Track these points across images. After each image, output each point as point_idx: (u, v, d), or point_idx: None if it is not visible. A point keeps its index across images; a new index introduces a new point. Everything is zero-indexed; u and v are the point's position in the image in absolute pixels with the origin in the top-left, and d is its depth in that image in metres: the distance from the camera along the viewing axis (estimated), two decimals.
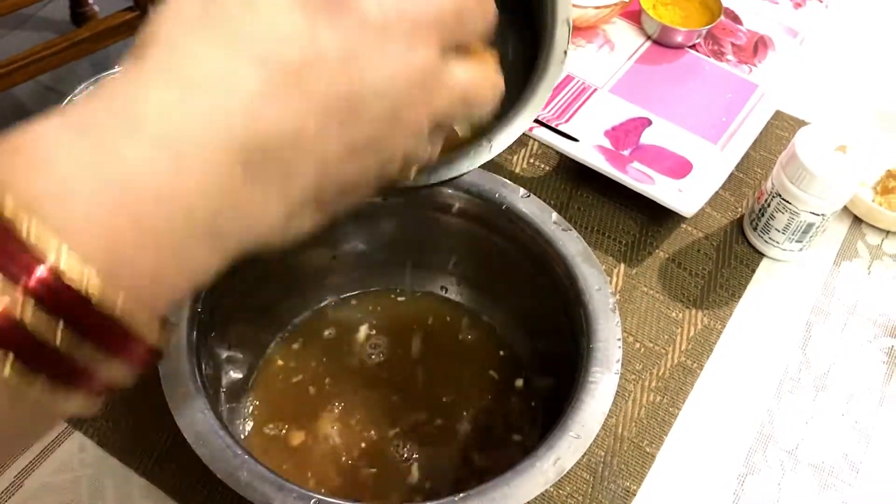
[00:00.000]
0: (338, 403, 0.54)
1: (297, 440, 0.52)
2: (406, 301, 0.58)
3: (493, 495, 0.40)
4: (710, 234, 0.67)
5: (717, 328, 0.62)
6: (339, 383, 0.55)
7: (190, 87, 0.24)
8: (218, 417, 0.42)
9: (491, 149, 0.39)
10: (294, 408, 0.53)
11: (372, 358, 0.56)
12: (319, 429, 0.53)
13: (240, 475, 0.40)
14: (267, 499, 0.39)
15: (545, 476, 0.41)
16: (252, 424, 0.53)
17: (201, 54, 0.25)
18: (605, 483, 0.55)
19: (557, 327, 0.51)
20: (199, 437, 0.41)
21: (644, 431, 0.57)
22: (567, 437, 0.42)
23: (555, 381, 0.52)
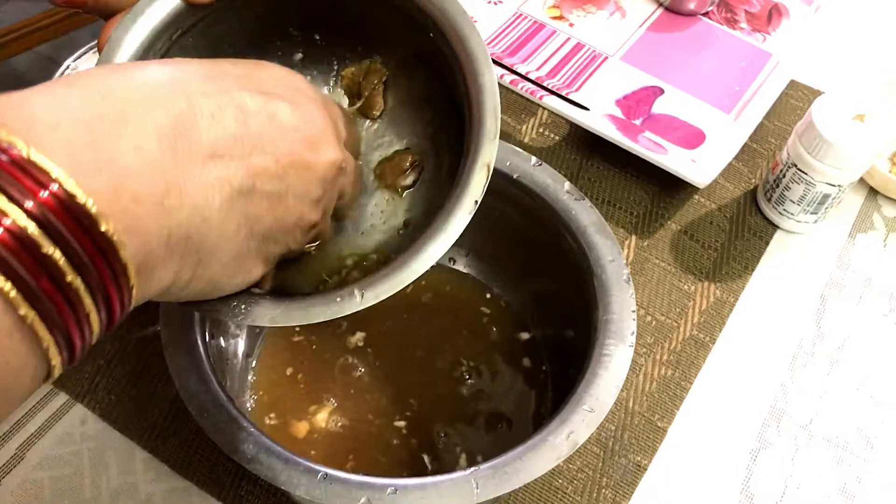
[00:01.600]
0: (343, 376, 0.53)
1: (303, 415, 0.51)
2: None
3: (505, 469, 0.39)
4: (723, 206, 0.66)
5: (729, 301, 0.61)
6: (342, 355, 0.53)
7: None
8: (222, 389, 0.41)
9: (361, 299, 0.35)
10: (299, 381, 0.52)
11: (371, 337, 0.55)
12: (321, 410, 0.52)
13: (245, 448, 0.39)
14: (273, 473, 0.38)
15: (558, 450, 0.40)
16: (254, 398, 0.52)
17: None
18: (616, 457, 0.54)
19: (569, 299, 0.50)
20: (202, 410, 0.40)
21: (655, 406, 0.56)
22: (580, 410, 0.41)
23: (567, 355, 0.51)
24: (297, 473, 0.38)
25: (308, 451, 0.49)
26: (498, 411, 0.52)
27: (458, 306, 0.56)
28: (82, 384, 0.55)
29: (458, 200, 0.36)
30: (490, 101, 0.37)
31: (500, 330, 0.55)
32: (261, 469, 0.38)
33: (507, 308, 0.56)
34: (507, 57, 0.69)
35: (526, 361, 0.54)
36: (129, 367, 0.56)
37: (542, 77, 0.67)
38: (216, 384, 0.41)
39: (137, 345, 0.57)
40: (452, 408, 0.52)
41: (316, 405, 0.51)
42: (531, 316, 0.55)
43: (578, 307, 0.48)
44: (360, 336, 0.55)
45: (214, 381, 0.41)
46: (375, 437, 0.50)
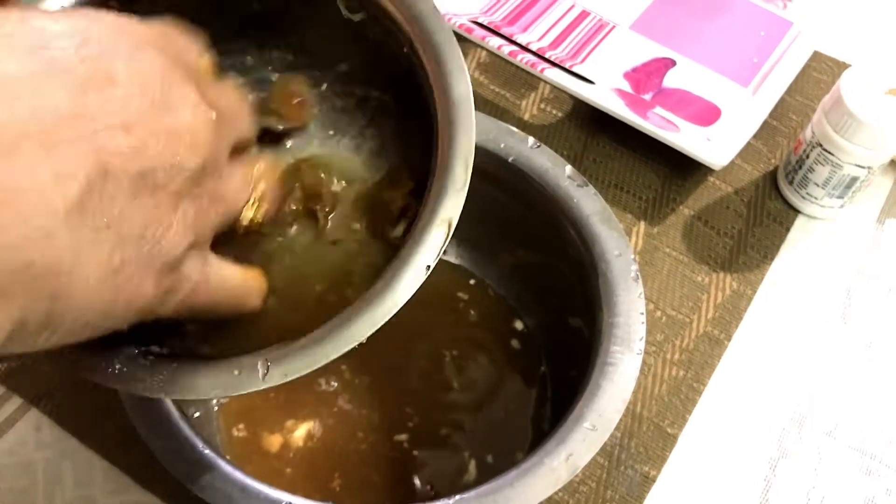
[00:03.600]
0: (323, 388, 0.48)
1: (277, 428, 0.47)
2: None
3: (495, 498, 0.34)
4: (739, 189, 0.61)
5: (747, 294, 0.56)
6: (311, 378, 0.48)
7: None
8: (178, 407, 0.36)
9: (264, 376, 0.29)
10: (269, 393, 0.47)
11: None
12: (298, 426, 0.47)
13: (196, 472, 0.34)
14: (229, 501, 0.33)
15: (556, 475, 0.35)
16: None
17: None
18: (622, 468, 0.49)
19: (571, 297, 0.45)
20: (153, 428, 0.35)
21: (665, 410, 0.51)
22: (581, 428, 0.36)
23: (568, 361, 0.46)
24: (258, 502, 0.34)
25: (283, 468, 0.44)
26: (492, 427, 0.47)
27: (442, 299, 0.51)
28: (38, 386, 0.51)
29: (408, 262, 0.30)
30: (463, 146, 0.31)
31: (490, 322, 0.50)
32: (215, 497, 0.33)
33: (497, 298, 0.51)
34: (506, 26, 0.63)
35: (521, 357, 0.49)
36: None
37: (544, 48, 0.62)
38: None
39: None
40: (451, 410, 0.47)
41: (293, 420, 0.47)
42: (528, 308, 0.50)
43: (581, 303, 0.43)
44: None
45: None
46: (367, 453, 0.46)
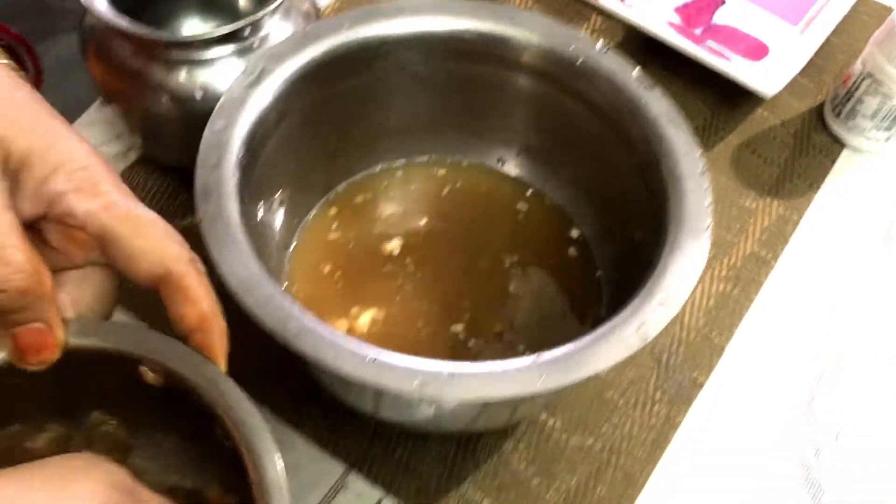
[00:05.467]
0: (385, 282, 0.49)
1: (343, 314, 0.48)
2: (455, 174, 0.53)
3: (571, 360, 0.36)
4: (786, 121, 0.62)
5: (793, 219, 0.57)
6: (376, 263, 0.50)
7: None
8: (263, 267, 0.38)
9: None
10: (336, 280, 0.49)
11: (413, 239, 0.51)
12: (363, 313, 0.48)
13: (289, 326, 0.36)
14: (320, 352, 0.35)
15: (627, 343, 0.37)
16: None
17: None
18: (671, 372, 0.50)
19: (634, 200, 0.46)
20: (243, 285, 0.37)
21: (713, 322, 0.53)
22: (651, 303, 0.38)
23: (625, 267, 0.48)
24: (346, 354, 0.35)
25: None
26: (551, 311, 0.49)
27: (495, 206, 0.52)
28: None
29: None
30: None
31: (543, 227, 0.51)
32: (306, 347, 0.35)
33: (554, 208, 0.52)
34: None
35: (577, 264, 0.51)
36: None
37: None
38: (257, 261, 0.38)
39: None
40: (506, 308, 0.49)
41: (358, 307, 0.48)
42: (585, 216, 0.51)
43: (643, 205, 0.44)
44: (396, 243, 0.51)
45: (255, 257, 0.38)
46: (425, 341, 0.47)
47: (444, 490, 0.46)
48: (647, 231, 0.44)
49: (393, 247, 0.51)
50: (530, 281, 0.50)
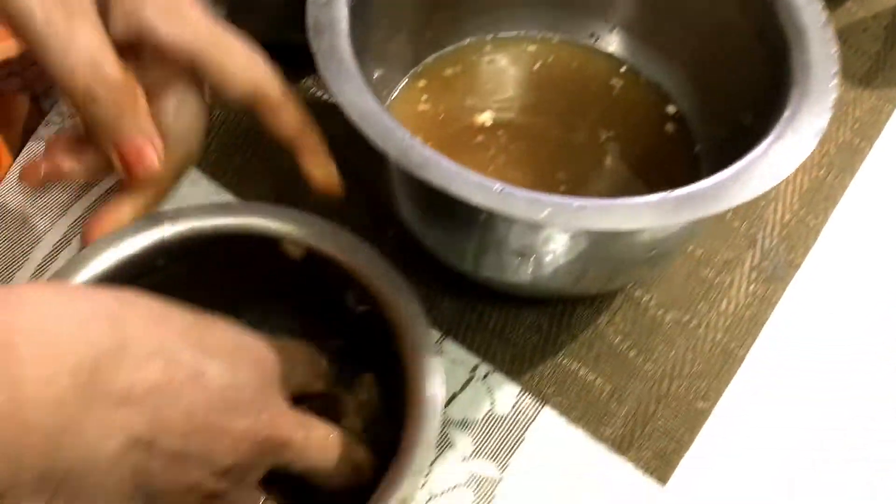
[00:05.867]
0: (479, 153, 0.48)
1: None
2: (546, 49, 0.52)
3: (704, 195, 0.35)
4: (878, 14, 0.60)
5: (886, 109, 0.56)
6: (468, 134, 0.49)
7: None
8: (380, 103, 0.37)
9: None
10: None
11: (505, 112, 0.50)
12: None
13: (413, 155, 0.35)
14: (446, 180, 0.34)
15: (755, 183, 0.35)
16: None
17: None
18: (767, 253, 0.49)
19: (746, 66, 0.44)
20: (364, 116, 0.36)
21: (808, 205, 0.52)
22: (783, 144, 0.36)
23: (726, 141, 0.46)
24: (472, 183, 0.34)
25: None
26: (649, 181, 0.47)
27: (589, 82, 0.51)
28: None
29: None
30: (428, 435, 0.33)
31: (639, 103, 0.50)
32: (432, 176, 0.34)
33: (649, 84, 0.51)
34: None
35: (674, 140, 0.49)
36: (240, 132, 0.52)
37: None
38: (373, 96, 0.37)
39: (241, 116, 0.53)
40: (602, 181, 0.47)
41: None
42: (683, 92, 0.50)
43: (758, 72, 0.43)
44: (488, 115, 0.50)
45: (371, 92, 0.37)
46: None
47: (540, 359, 0.45)
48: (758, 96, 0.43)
49: (485, 119, 0.49)
50: (626, 155, 0.49)
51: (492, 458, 0.43)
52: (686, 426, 0.44)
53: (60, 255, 0.47)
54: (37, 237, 0.48)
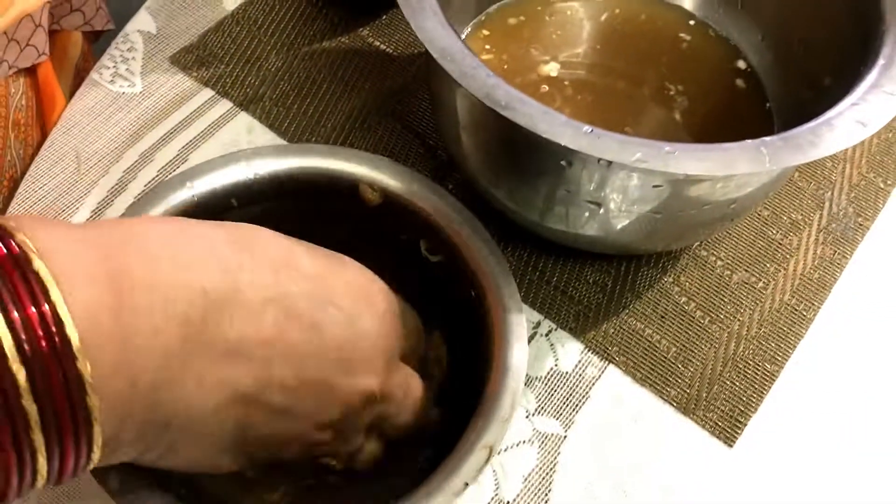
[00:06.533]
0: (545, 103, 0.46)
1: None
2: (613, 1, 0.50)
3: (799, 142, 0.33)
4: None
5: None
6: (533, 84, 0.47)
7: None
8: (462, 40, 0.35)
9: None
10: None
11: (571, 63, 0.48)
12: None
13: (498, 95, 0.33)
14: (532, 120, 0.33)
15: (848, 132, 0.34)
16: None
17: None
18: (836, 214, 0.48)
19: (822, 31, 0.43)
20: (445, 53, 0.34)
21: (877, 167, 0.50)
22: (880, 93, 0.35)
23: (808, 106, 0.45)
24: (559, 124, 0.33)
25: None
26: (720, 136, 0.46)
27: (657, 35, 0.50)
28: (246, 92, 0.50)
29: (446, 480, 0.30)
30: (512, 383, 0.33)
31: (709, 58, 0.49)
32: (517, 116, 0.33)
33: (719, 39, 0.49)
34: None
35: (746, 95, 0.48)
36: (296, 81, 0.51)
37: None
38: (455, 33, 0.35)
39: (305, 58, 0.51)
40: (670, 135, 0.46)
41: None
42: (755, 46, 0.48)
43: (840, 42, 0.41)
44: (553, 66, 0.48)
45: (453, 30, 0.35)
46: None
47: (604, 317, 0.44)
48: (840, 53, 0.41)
49: (549, 69, 0.48)
50: (696, 109, 0.47)
51: (556, 415, 0.42)
52: (754, 388, 0.43)
53: (115, 201, 0.46)
54: (92, 182, 0.46)
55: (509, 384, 0.32)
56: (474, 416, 0.32)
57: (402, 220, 0.37)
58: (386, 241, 0.38)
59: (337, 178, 0.37)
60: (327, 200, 0.38)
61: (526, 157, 0.37)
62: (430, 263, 0.38)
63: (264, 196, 0.37)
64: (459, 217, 0.36)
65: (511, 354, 0.33)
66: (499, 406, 0.32)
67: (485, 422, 0.31)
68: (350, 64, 0.52)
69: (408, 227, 0.37)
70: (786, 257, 0.47)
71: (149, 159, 0.47)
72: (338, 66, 0.51)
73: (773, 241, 0.47)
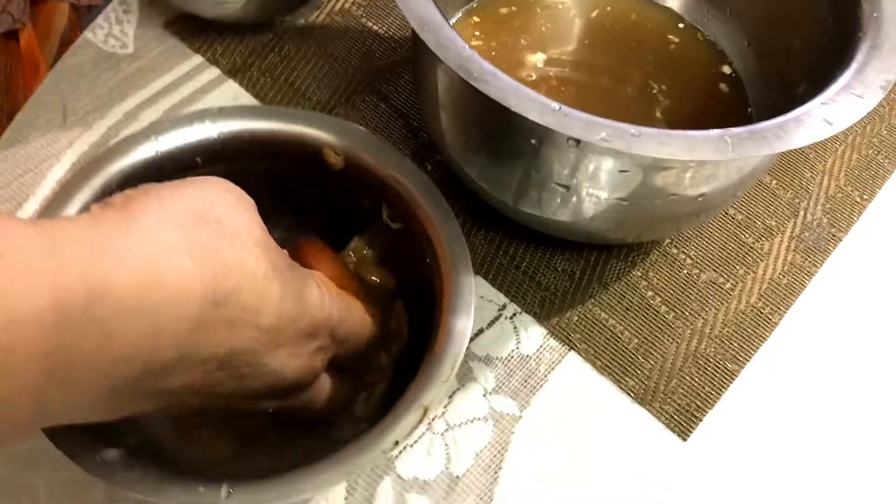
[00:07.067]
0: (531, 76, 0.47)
1: None
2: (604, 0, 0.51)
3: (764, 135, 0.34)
4: None
5: None
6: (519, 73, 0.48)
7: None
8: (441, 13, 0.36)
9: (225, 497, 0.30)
10: None
11: (558, 55, 0.49)
12: None
13: (471, 67, 0.34)
14: (503, 94, 0.33)
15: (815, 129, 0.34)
16: None
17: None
18: (809, 223, 0.48)
19: (803, 38, 0.43)
20: (422, 23, 0.35)
21: (854, 182, 0.51)
22: (847, 94, 0.35)
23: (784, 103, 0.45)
24: (529, 99, 0.33)
25: None
26: None
27: (645, 35, 0.50)
28: (235, 61, 0.51)
29: (379, 437, 0.31)
30: (454, 348, 0.33)
31: (695, 61, 0.49)
32: (490, 89, 0.33)
33: (707, 43, 0.50)
34: None
35: (728, 100, 0.48)
36: (285, 54, 0.51)
37: None
38: (435, 6, 0.36)
39: (296, 33, 0.52)
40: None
41: None
42: (741, 53, 0.49)
43: (818, 49, 0.42)
44: (540, 56, 0.49)
45: (434, 3, 0.36)
46: None
47: (569, 305, 0.45)
48: (817, 60, 0.42)
49: (536, 59, 0.49)
50: (678, 109, 0.48)
51: (513, 396, 0.42)
52: (712, 385, 0.43)
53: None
54: (75, 136, 0.47)
55: (451, 348, 0.33)
56: (415, 378, 0.32)
57: (365, 186, 0.38)
58: (349, 206, 0.39)
59: (301, 141, 0.38)
60: (292, 163, 0.38)
61: (498, 135, 0.38)
62: (392, 230, 0.38)
63: (229, 156, 0.38)
64: (419, 183, 0.37)
65: (456, 320, 0.33)
66: (439, 369, 0.32)
67: (423, 383, 0.32)
68: (340, 41, 0.52)
69: (370, 192, 0.38)
70: (756, 261, 0.47)
71: (133, 118, 0.48)
72: (328, 42, 0.52)
73: (745, 245, 0.47)
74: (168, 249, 0.25)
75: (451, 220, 0.36)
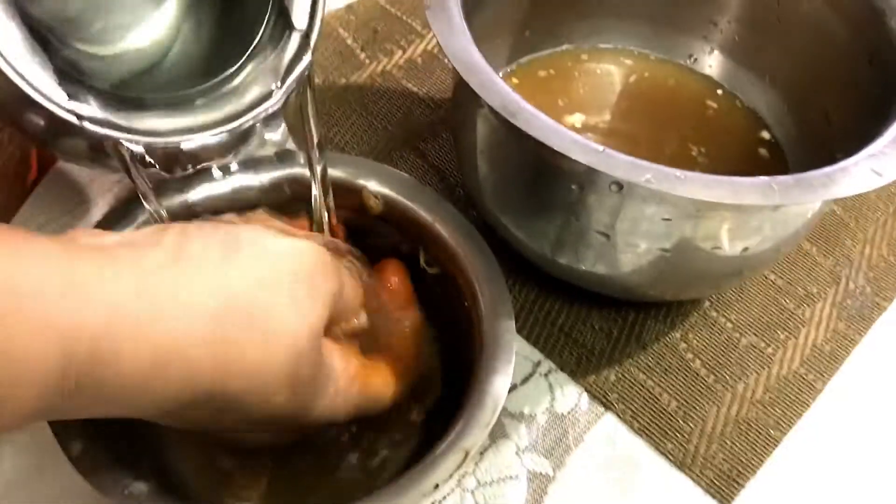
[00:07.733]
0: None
1: None
2: (642, 65, 0.52)
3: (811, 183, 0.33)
4: None
5: None
6: None
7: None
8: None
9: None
10: None
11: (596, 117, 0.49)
12: None
13: (512, 107, 0.34)
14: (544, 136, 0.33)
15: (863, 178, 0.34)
16: None
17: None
18: (852, 291, 0.47)
19: (850, 108, 0.43)
20: (467, 67, 0.35)
21: None
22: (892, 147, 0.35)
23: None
24: (571, 141, 0.33)
25: None
26: None
27: (683, 101, 0.51)
28: None
29: (418, 479, 0.30)
30: (497, 390, 0.32)
31: (733, 126, 0.49)
32: (531, 128, 0.33)
33: (745, 110, 0.50)
34: None
35: (768, 165, 0.48)
36: (327, 110, 0.52)
37: None
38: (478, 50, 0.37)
39: (339, 91, 0.53)
40: None
41: None
42: (781, 120, 0.49)
43: (860, 116, 0.42)
44: (578, 117, 0.49)
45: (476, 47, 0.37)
46: None
47: (606, 364, 0.44)
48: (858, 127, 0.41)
49: (574, 120, 0.49)
50: (717, 171, 0.47)
51: (547, 455, 0.41)
52: (754, 451, 0.41)
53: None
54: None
55: (493, 391, 0.32)
56: (454, 419, 0.31)
57: (402, 230, 0.37)
58: (387, 251, 0.38)
59: (340, 185, 0.38)
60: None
61: (538, 181, 0.38)
62: (428, 275, 0.38)
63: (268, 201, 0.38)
64: (459, 228, 0.36)
65: (497, 363, 0.33)
66: (480, 411, 0.31)
67: (464, 425, 0.31)
68: (381, 101, 0.53)
69: (408, 237, 0.38)
70: (798, 327, 0.46)
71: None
72: (368, 101, 0.53)
73: (786, 310, 0.46)
74: (188, 341, 0.25)
75: (492, 262, 0.36)
